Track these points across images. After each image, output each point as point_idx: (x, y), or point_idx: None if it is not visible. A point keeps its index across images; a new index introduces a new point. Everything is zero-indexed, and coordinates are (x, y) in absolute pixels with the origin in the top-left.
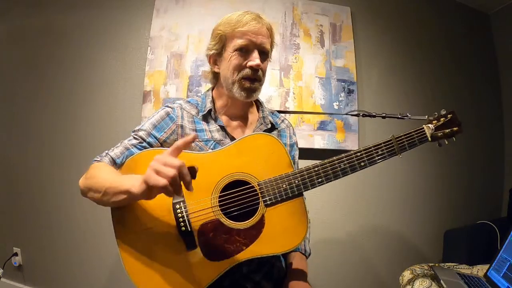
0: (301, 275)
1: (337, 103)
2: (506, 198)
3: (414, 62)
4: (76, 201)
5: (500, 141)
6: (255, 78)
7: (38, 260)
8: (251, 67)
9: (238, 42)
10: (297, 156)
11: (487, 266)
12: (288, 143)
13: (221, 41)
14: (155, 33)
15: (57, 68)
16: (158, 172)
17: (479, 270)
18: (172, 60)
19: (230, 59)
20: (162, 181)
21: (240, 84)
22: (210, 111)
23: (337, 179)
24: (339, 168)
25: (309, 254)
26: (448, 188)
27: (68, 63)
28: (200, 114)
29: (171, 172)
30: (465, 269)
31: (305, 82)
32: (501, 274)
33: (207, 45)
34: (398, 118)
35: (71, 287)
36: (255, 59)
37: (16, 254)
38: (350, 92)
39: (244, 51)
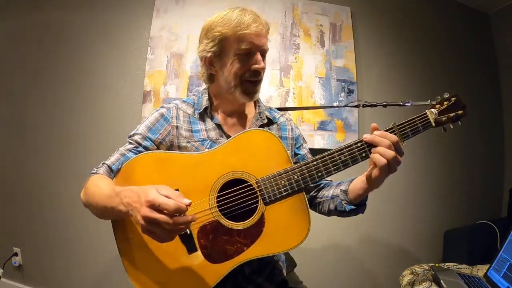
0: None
1: (337, 103)
2: (506, 198)
3: (414, 62)
4: (76, 202)
5: (500, 141)
6: (257, 80)
7: (38, 260)
8: (256, 70)
9: (242, 46)
10: (307, 149)
11: (487, 266)
12: (290, 136)
13: (220, 43)
14: (155, 33)
15: (57, 68)
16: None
17: (479, 270)
18: (172, 60)
19: (233, 63)
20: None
21: (243, 87)
22: (206, 109)
23: (338, 172)
24: (339, 161)
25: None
26: (448, 188)
27: (68, 63)
28: (196, 112)
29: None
30: (465, 269)
31: (305, 82)
32: (501, 274)
33: (200, 45)
34: (400, 105)
35: (71, 287)
36: (260, 62)
37: (16, 254)
38: (350, 92)
39: (247, 55)
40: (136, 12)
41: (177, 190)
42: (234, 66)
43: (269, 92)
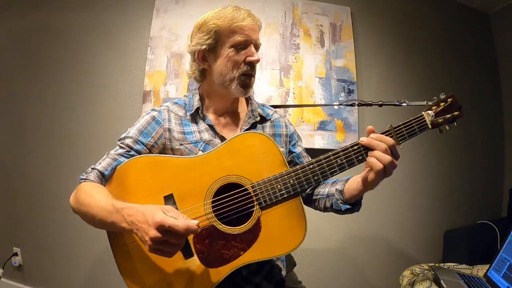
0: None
1: (337, 103)
2: (506, 198)
3: (414, 62)
4: None
5: (500, 141)
6: (252, 74)
7: (38, 260)
8: (250, 63)
9: (238, 38)
10: (302, 147)
11: (487, 266)
12: (284, 132)
13: (215, 35)
14: (155, 33)
15: (57, 68)
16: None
17: (479, 270)
18: (172, 60)
19: (228, 55)
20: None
21: (239, 80)
22: (198, 109)
23: (334, 175)
24: (335, 164)
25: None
26: (448, 188)
27: (68, 63)
28: (188, 114)
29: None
30: (465, 269)
31: (305, 82)
32: (501, 274)
33: (193, 40)
34: (395, 105)
35: (71, 287)
36: (254, 55)
37: (16, 254)
38: (350, 92)
39: (241, 47)
40: (136, 12)
41: (171, 194)
42: (229, 58)
43: (269, 92)
